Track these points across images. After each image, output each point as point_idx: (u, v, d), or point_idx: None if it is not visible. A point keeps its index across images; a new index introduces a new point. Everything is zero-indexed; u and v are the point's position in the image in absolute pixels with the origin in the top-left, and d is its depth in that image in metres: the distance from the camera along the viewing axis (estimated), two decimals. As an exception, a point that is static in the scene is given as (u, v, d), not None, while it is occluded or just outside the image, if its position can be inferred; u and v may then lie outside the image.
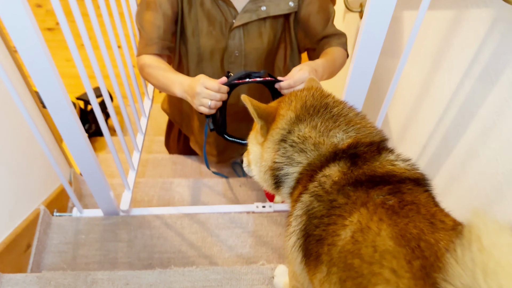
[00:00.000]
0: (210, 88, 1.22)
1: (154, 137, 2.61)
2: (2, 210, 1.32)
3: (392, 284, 0.59)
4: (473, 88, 1.05)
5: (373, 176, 0.77)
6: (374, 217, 0.68)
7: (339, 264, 0.69)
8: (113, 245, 1.54)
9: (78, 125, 1.21)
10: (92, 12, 1.18)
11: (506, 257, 0.44)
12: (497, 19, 0.96)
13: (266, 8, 1.50)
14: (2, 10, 0.91)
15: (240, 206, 1.69)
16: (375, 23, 1.03)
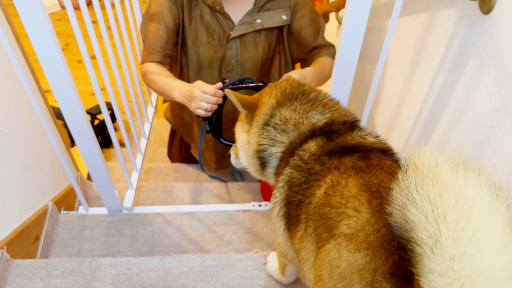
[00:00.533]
0: (206, 92, 1.34)
1: (157, 149, 2.72)
2: (14, 202, 1.42)
3: (353, 218, 0.70)
4: (444, 81, 1.16)
5: (345, 146, 0.88)
6: (343, 175, 0.79)
7: (314, 216, 0.80)
8: (117, 239, 1.63)
9: (90, 132, 1.36)
10: (104, 31, 1.33)
11: (431, 171, 0.55)
12: (461, 16, 1.07)
13: (261, 21, 1.63)
14: (33, 38, 1.07)
15: (237, 205, 1.78)
16: (351, 32, 1.15)
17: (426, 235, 0.52)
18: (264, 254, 1.42)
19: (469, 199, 0.51)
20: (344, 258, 0.67)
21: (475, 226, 0.50)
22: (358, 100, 1.87)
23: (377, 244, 0.64)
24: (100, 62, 1.32)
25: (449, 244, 0.50)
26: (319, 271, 0.73)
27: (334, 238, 0.71)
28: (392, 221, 0.58)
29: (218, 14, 1.61)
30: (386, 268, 0.61)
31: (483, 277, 0.48)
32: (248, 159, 1.09)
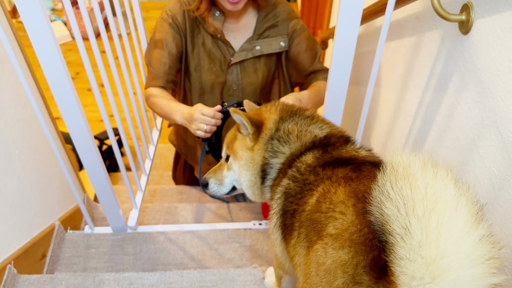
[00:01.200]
0: (206, 114, 1.41)
1: (163, 172, 2.78)
2: (22, 220, 1.48)
3: (339, 220, 0.77)
4: (431, 99, 1.21)
5: (339, 158, 0.95)
6: (334, 184, 0.86)
7: (306, 223, 0.86)
8: (120, 257, 1.68)
9: (98, 155, 1.44)
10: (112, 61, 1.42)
11: (405, 170, 0.61)
12: (444, 37, 1.14)
13: (260, 47, 1.71)
14: (45, 67, 1.16)
15: (238, 223, 1.82)
16: (341, 56, 1.23)
17: (398, 226, 0.57)
18: (262, 270, 1.46)
19: (436, 191, 0.57)
20: (329, 255, 0.73)
21: (440, 215, 0.55)
22: (356, 121, 1.93)
23: (359, 242, 0.69)
24: (108, 90, 1.40)
25: (417, 232, 0.55)
26: (308, 269, 0.78)
27: (321, 238, 0.77)
28: (372, 218, 0.64)
29: (219, 41, 1.69)
30: (366, 263, 0.67)
31: (446, 260, 0.53)
32: (252, 178, 1.12)
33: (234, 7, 1.52)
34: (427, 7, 1.24)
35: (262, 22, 1.69)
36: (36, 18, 1.06)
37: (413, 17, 1.34)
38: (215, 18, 1.62)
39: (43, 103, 1.66)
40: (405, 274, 0.56)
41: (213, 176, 1.24)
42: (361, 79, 1.83)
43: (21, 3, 1.03)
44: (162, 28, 1.67)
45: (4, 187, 1.37)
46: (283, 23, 1.69)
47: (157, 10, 4.86)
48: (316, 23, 4.02)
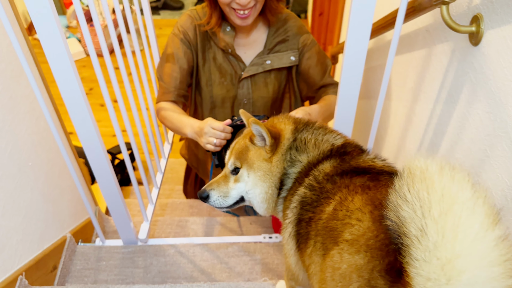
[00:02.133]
0: (216, 128, 1.42)
1: (174, 186, 2.79)
2: (34, 232, 1.49)
3: (355, 226, 0.77)
4: (442, 110, 1.21)
5: (357, 168, 0.95)
6: (351, 192, 0.86)
7: (322, 231, 0.86)
8: (131, 270, 1.68)
9: (110, 168, 1.45)
10: (125, 78, 1.46)
11: (422, 173, 0.61)
12: (454, 49, 1.14)
13: (270, 62, 1.72)
14: (60, 84, 1.19)
15: (248, 237, 1.82)
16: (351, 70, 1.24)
17: (414, 227, 0.58)
18: (272, 283, 1.45)
19: (453, 193, 0.58)
20: (345, 260, 0.74)
21: (456, 216, 0.55)
22: (366, 134, 1.93)
23: (375, 247, 0.70)
24: (121, 106, 1.43)
25: (433, 233, 0.56)
26: (323, 275, 0.79)
27: (337, 244, 0.78)
28: (388, 222, 0.64)
29: (230, 56, 1.71)
30: (381, 267, 0.67)
31: (462, 260, 0.53)
32: (269, 190, 1.09)
33: (243, 22, 1.54)
34: (437, 19, 1.24)
35: (272, 37, 1.71)
36: (52, 35, 1.08)
37: (423, 30, 1.34)
38: (226, 33, 1.64)
39: (57, 118, 1.69)
40: (420, 275, 0.56)
41: (215, 188, 1.19)
42: (371, 93, 1.83)
43: (38, 20, 1.05)
44: (174, 43, 1.70)
45: (17, 198, 1.38)
46: (294, 38, 1.70)
47: (169, 27, 4.93)
48: (326, 39, 4.04)
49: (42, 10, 1.04)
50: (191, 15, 1.69)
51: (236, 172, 1.15)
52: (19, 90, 1.41)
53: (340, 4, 2.84)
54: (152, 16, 1.94)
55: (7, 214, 1.33)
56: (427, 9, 1.13)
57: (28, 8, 1.03)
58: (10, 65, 1.36)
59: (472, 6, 1.03)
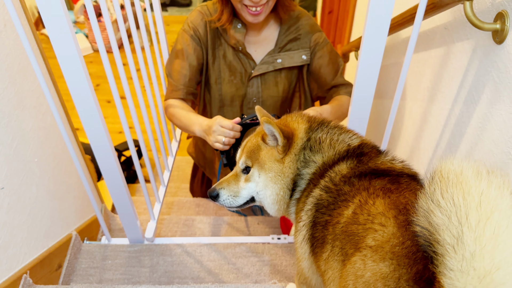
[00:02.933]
0: (224, 126, 1.39)
1: (180, 184, 2.76)
2: (39, 229, 1.47)
3: (379, 231, 0.73)
4: (461, 111, 1.17)
5: (376, 169, 0.91)
6: (372, 195, 0.82)
7: (341, 236, 0.82)
8: (137, 270, 1.64)
9: (117, 165, 1.42)
10: (134, 74, 1.44)
11: (456, 177, 0.58)
12: (476, 48, 1.10)
13: (281, 61, 1.68)
14: (70, 82, 1.16)
15: (256, 237, 1.78)
16: (367, 69, 1.20)
17: (448, 235, 0.55)
18: (282, 285, 1.41)
19: (491, 200, 0.54)
20: (369, 267, 0.70)
21: (496, 224, 0.52)
22: (380, 135, 1.89)
23: (402, 254, 0.67)
24: (130, 102, 1.41)
25: (470, 242, 0.52)
26: (344, 282, 0.75)
27: (360, 250, 0.74)
28: (417, 229, 0.61)
29: (240, 54, 1.68)
30: (409, 276, 0.64)
31: (502, 272, 0.50)
32: (280, 192, 1.05)
33: (255, 19, 1.50)
34: (457, 17, 1.20)
35: (284, 35, 1.67)
36: (62, 30, 1.05)
37: (441, 28, 1.30)
38: (236, 30, 1.61)
39: (64, 113, 1.66)
40: (455, 287, 0.53)
41: (225, 187, 1.15)
42: (385, 92, 1.79)
43: (47, 15, 1.02)
44: (184, 39, 1.66)
45: (22, 195, 1.35)
46: (306, 36, 1.66)
47: (177, 24, 4.90)
48: (335, 38, 4.00)
49: (52, 5, 1.01)
50: (202, 11, 1.66)
51: (247, 171, 1.11)
52: (26, 84, 1.38)
53: (350, 2, 2.80)
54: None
55: (11, 211, 1.30)
56: (448, 5, 1.09)
57: (38, 2, 1.00)
58: (17, 59, 1.34)
59: (497, 3, 0.99)
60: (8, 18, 1.27)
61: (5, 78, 1.26)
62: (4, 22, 1.27)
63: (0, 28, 1.25)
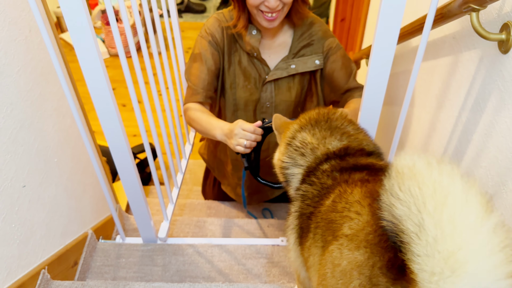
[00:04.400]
0: (246, 129, 1.44)
1: (192, 187, 2.81)
2: (57, 227, 1.52)
3: (354, 220, 0.79)
4: (468, 118, 1.20)
5: (356, 165, 0.96)
6: (350, 185, 0.88)
7: (321, 223, 0.89)
8: (150, 268, 1.69)
9: (133, 166, 1.48)
10: (151, 79, 1.49)
11: (410, 170, 0.62)
12: (482, 57, 1.13)
13: (295, 66, 1.73)
14: (90, 85, 1.22)
15: (266, 239, 1.82)
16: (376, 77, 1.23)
17: (411, 224, 0.59)
18: (290, 286, 1.45)
19: (444, 186, 0.58)
20: (345, 256, 0.74)
21: (452, 208, 0.56)
22: (389, 141, 1.92)
23: (375, 242, 0.71)
24: (147, 106, 1.47)
25: (431, 228, 0.56)
26: (323, 270, 0.80)
27: (337, 239, 0.79)
28: (385, 223, 0.65)
29: (255, 59, 1.72)
30: (382, 264, 0.68)
31: (464, 252, 0.54)
32: (277, 168, 1.16)
33: (270, 24, 1.55)
34: (465, 26, 1.23)
35: (297, 41, 1.71)
36: (83, 32, 1.11)
37: (450, 37, 1.33)
38: (252, 36, 1.65)
39: (83, 116, 1.72)
40: (424, 271, 0.56)
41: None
42: (394, 99, 1.83)
43: (71, 20, 1.08)
44: (202, 45, 1.71)
45: (42, 193, 1.41)
46: (319, 42, 1.71)
47: (192, 30, 4.97)
48: (347, 45, 4.03)
49: (75, 9, 1.06)
50: (219, 18, 1.71)
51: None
52: (48, 87, 1.44)
53: (362, 10, 2.84)
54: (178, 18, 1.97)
55: (32, 208, 1.36)
56: (456, 16, 1.13)
57: (62, 7, 1.05)
58: (41, 63, 1.40)
59: (503, 14, 1.02)
60: (33, 23, 1.33)
61: (29, 81, 1.33)
62: (29, 28, 1.33)
63: (26, 33, 1.31)
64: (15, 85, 1.25)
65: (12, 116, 1.24)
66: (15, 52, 1.25)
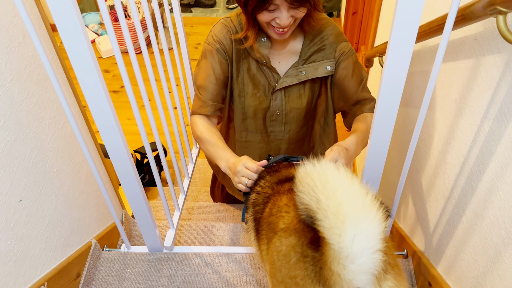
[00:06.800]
0: (249, 168, 1.37)
1: (201, 187, 2.75)
2: (58, 239, 1.47)
3: (285, 217, 1.06)
4: (491, 128, 1.11)
5: (288, 176, 1.28)
6: (281, 195, 1.17)
7: (264, 226, 1.16)
8: (155, 279, 1.64)
9: (134, 172, 1.40)
10: (152, 77, 1.41)
11: (306, 174, 0.90)
12: (509, 62, 1.03)
13: (306, 73, 1.64)
14: (81, 79, 1.14)
15: (276, 248, 1.75)
16: (392, 78, 1.14)
17: (313, 202, 0.84)
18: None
19: (323, 172, 0.88)
20: (283, 243, 1.00)
21: (330, 183, 0.84)
22: (401, 144, 1.83)
23: (301, 228, 0.97)
24: (158, 104, 1.44)
25: (323, 199, 0.81)
26: (271, 258, 1.04)
27: (276, 233, 1.05)
28: (301, 213, 0.92)
29: (264, 67, 1.64)
30: (307, 241, 0.93)
31: (344, 206, 0.79)
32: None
33: (281, 37, 1.47)
34: (488, 28, 1.13)
35: (308, 46, 1.62)
36: (73, 32, 1.04)
37: (471, 38, 1.24)
38: (261, 44, 1.57)
39: (84, 122, 1.66)
40: (326, 228, 0.80)
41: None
42: (410, 100, 1.73)
43: (59, 18, 1.01)
44: (210, 53, 1.63)
45: (41, 206, 1.36)
46: (331, 47, 1.61)
47: (201, 26, 4.88)
48: (359, 39, 3.93)
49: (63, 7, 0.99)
50: (226, 24, 1.61)
51: None
52: (45, 95, 1.38)
53: (375, 3, 2.73)
54: (182, 14, 1.89)
55: (30, 223, 1.30)
56: (479, 18, 1.03)
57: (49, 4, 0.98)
58: (37, 69, 1.33)
59: (532, 16, 0.93)
60: (27, 28, 1.26)
61: (24, 89, 1.26)
62: (23, 34, 1.27)
63: (19, 39, 1.25)
64: (8, 95, 1.19)
65: (5, 128, 1.18)
66: (7, 60, 1.19)
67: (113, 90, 4.12)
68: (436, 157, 1.48)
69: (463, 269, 1.28)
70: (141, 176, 2.91)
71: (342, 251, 0.77)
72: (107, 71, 4.39)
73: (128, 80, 1.24)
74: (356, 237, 0.76)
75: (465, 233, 1.26)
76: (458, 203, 1.30)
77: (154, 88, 1.43)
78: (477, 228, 1.19)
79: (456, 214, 1.32)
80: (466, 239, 1.26)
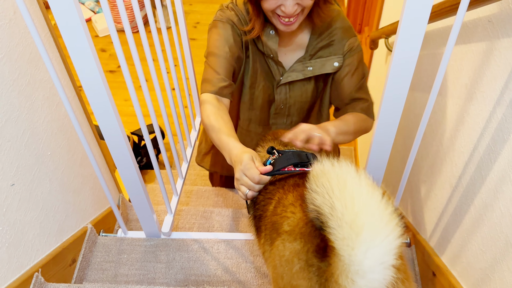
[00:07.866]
0: (249, 177, 1.15)
1: (200, 171, 2.71)
2: (52, 224, 1.43)
3: (290, 218, 0.98)
4: (504, 115, 1.06)
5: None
6: (286, 192, 1.08)
7: (268, 225, 1.08)
8: (153, 265, 1.60)
9: (130, 155, 1.34)
10: (149, 57, 1.34)
11: (321, 171, 0.83)
12: (525, 46, 0.98)
13: (312, 68, 1.57)
14: (74, 56, 1.07)
15: (276, 235, 1.71)
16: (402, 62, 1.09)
17: (326, 207, 0.77)
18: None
19: (343, 176, 0.79)
20: (287, 248, 0.93)
21: (350, 190, 0.76)
22: (407, 129, 1.78)
23: (307, 233, 0.90)
24: (156, 86, 1.39)
25: (338, 206, 0.75)
26: (273, 262, 0.98)
27: (280, 235, 0.98)
28: (311, 215, 0.84)
29: (270, 60, 1.58)
30: (314, 248, 0.87)
31: (361, 217, 0.72)
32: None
33: (287, 29, 1.40)
34: (504, 9, 1.08)
35: (315, 41, 1.55)
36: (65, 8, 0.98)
37: (484, 20, 1.18)
38: (269, 37, 1.49)
39: (79, 103, 1.60)
40: (339, 238, 0.74)
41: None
42: (417, 84, 1.67)
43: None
44: (222, 25, 1.52)
45: (34, 190, 1.31)
46: (340, 42, 1.54)
47: (200, 4, 4.77)
48: (363, 20, 3.85)
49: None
50: (235, 9, 1.52)
51: None
52: (38, 74, 1.32)
53: (381, -17, 2.65)
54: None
55: (22, 208, 1.26)
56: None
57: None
58: (29, 48, 1.27)
59: (554, -3, 0.87)
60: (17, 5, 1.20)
61: (15, 69, 1.21)
62: (13, 9, 1.20)
63: (10, 16, 1.18)
64: (-3, 75, 1.13)
65: (-5, 110, 1.13)
66: (-3, 38, 1.13)
67: (109, 70, 4.04)
68: (443, 143, 1.43)
69: (470, 260, 1.25)
70: (138, 159, 2.86)
71: (352, 264, 0.72)
72: (103, 50, 4.31)
73: (124, 60, 1.18)
74: (369, 251, 0.71)
75: (473, 223, 1.22)
76: (466, 192, 1.26)
77: (151, 68, 1.37)
78: (486, 218, 1.15)
79: (464, 203, 1.28)
80: (474, 230, 1.22)
